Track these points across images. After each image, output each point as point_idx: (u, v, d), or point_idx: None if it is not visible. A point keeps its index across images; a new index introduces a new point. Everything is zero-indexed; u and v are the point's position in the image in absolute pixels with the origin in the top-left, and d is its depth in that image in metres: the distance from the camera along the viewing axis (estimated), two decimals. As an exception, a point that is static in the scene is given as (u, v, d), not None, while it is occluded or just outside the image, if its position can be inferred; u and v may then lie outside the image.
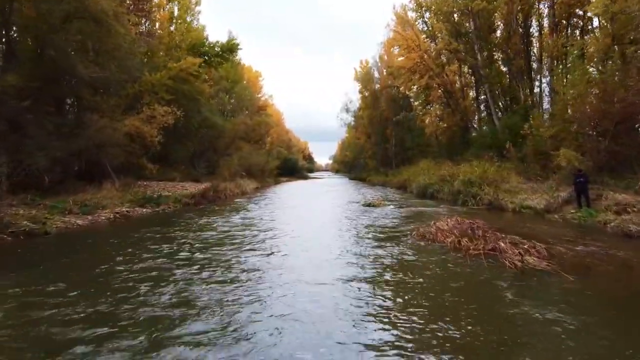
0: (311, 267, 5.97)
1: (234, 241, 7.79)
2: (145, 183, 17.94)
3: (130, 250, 6.85)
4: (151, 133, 15.28)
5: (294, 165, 52.16)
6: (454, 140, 29.08)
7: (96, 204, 11.12)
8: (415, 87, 28.54)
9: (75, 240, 8.07)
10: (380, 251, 6.92)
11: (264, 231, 8.76)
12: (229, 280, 5.08)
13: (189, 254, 6.64)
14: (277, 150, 55.01)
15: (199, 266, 5.77)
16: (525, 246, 6.56)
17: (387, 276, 5.42)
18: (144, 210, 12.12)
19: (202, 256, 6.48)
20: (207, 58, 20.29)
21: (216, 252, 6.83)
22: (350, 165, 61.63)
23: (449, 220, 9.76)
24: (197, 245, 7.37)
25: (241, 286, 4.86)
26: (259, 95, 46.15)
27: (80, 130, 12.39)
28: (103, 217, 10.18)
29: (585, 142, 14.61)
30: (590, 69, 17.28)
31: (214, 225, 9.65)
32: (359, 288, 4.84)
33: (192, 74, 20.76)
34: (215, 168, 26.52)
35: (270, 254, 6.64)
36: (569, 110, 19.16)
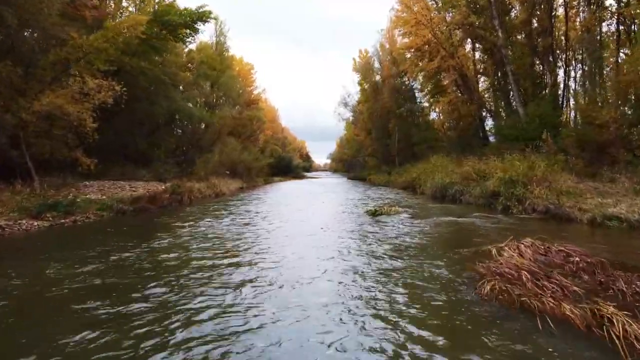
0: None
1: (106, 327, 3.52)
2: (87, 183, 13.71)
3: None
4: (80, 115, 10.99)
5: (288, 164, 47.77)
6: (467, 132, 24.91)
7: (-53, 215, 6.84)
8: (422, 73, 24.29)
9: None
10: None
11: (195, 288, 4.48)
12: None
13: None
14: (271, 148, 50.79)
15: None
16: None
17: None
18: (37, 223, 7.80)
19: None
20: (172, 28, 16.00)
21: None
22: (348, 163, 57.38)
23: (521, 246, 5.52)
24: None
25: None
26: (250, 89, 41.84)
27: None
28: None
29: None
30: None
31: (108, 259, 5.37)
32: None
33: (154, 46, 16.53)
34: (193, 166, 22.25)
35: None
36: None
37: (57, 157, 12.59)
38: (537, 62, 21.58)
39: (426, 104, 31.69)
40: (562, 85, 20.53)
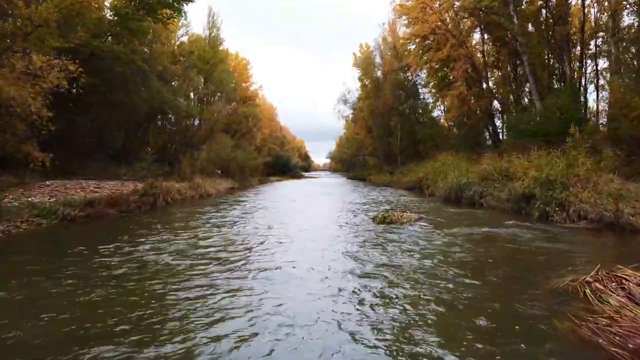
0: None
1: None
2: (48, 183, 11.64)
3: None
4: (25, 100, 8.91)
5: (286, 163, 45.63)
6: (476, 129, 22.96)
7: None
8: (427, 65, 22.22)
9: None
10: None
11: None
12: None
13: None
14: (268, 146, 48.73)
15: None
16: None
17: None
18: None
19: None
20: (150, 7, 13.91)
21: None
22: (348, 163, 55.39)
23: (627, 283, 3.49)
24: None
25: None
26: (246, 85, 39.72)
27: None
28: None
29: None
30: None
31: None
32: None
33: (130, 28, 14.47)
34: (179, 164, 20.16)
35: None
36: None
37: (12, 152, 10.58)
38: (551, 54, 19.71)
39: (430, 100, 29.73)
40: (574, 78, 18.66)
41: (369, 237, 6.56)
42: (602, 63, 20.03)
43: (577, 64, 19.20)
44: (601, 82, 19.98)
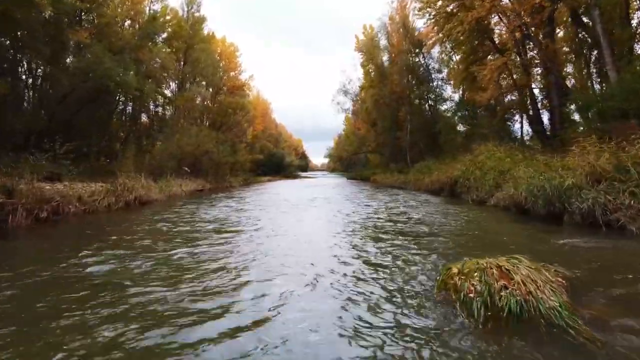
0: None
1: None
2: None
3: None
4: None
5: (279, 162, 39.92)
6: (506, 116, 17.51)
7: None
8: (457, 31, 16.67)
9: None
10: None
11: None
12: None
13: None
14: (261, 144, 43.21)
15: None
16: None
17: None
18: None
19: None
20: None
21: None
22: (347, 162, 49.72)
23: None
24: None
25: None
26: (234, 73, 34.09)
27: None
28: None
29: None
30: None
31: None
32: None
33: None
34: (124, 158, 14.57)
35: None
36: None
37: None
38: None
39: (448, 87, 24.27)
40: None
41: None
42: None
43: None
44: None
